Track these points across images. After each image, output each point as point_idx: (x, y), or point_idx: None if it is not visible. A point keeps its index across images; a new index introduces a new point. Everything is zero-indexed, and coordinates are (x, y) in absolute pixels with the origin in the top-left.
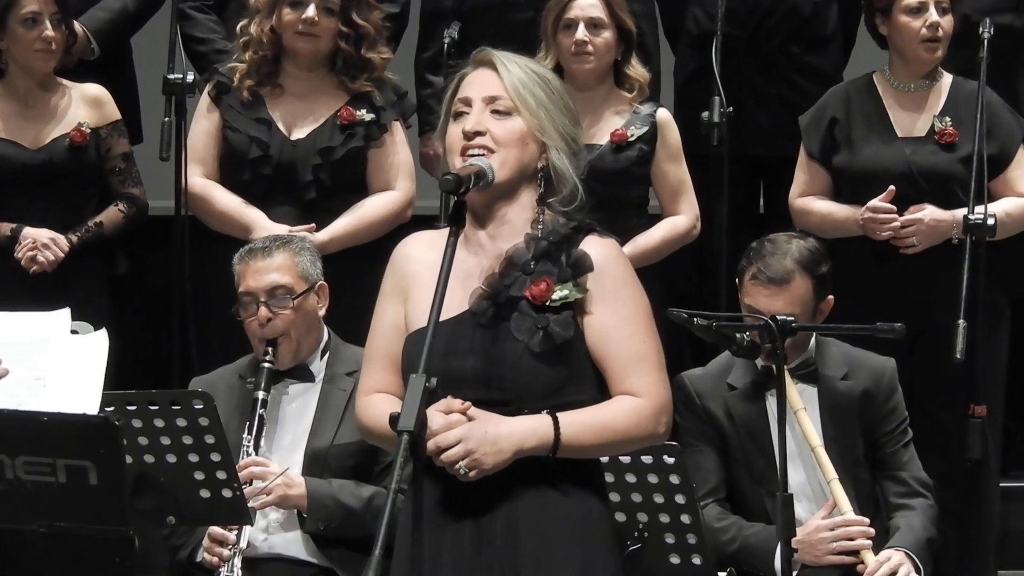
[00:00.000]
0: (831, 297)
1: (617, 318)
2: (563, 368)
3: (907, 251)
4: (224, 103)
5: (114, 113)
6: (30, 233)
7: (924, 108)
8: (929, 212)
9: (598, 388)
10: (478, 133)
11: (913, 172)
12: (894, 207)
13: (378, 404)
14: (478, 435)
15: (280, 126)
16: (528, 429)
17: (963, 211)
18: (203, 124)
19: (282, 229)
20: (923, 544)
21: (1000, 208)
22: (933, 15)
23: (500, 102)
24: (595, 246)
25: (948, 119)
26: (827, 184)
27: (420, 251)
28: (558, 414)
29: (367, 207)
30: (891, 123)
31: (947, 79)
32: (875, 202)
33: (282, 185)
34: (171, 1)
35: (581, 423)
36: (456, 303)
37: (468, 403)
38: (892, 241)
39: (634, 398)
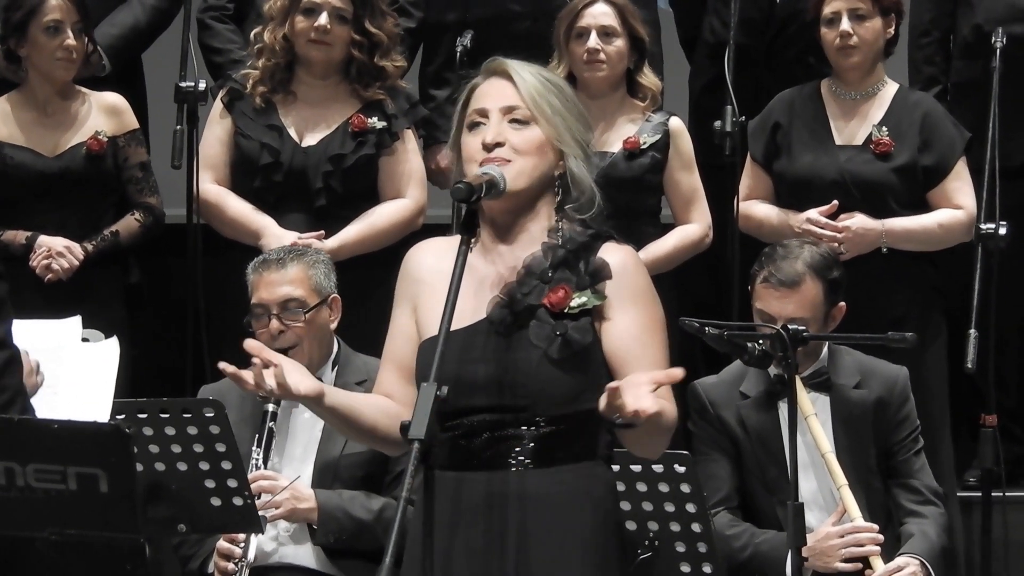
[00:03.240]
0: (843, 304)
1: (636, 325)
2: (581, 375)
3: None
4: (236, 110)
5: (132, 122)
6: (45, 241)
7: (865, 117)
8: (858, 220)
9: None
10: (498, 144)
11: (846, 180)
12: (835, 223)
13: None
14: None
15: (291, 133)
16: None
17: (893, 220)
18: (215, 130)
19: (292, 236)
20: (937, 552)
21: (934, 220)
22: (844, 24)
23: (518, 112)
24: (613, 253)
25: (886, 129)
26: (769, 188)
27: (431, 258)
28: None
29: (377, 214)
30: (831, 131)
31: (890, 89)
32: (815, 214)
33: (293, 192)
34: (183, 10)
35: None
36: (470, 312)
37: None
38: None
39: None
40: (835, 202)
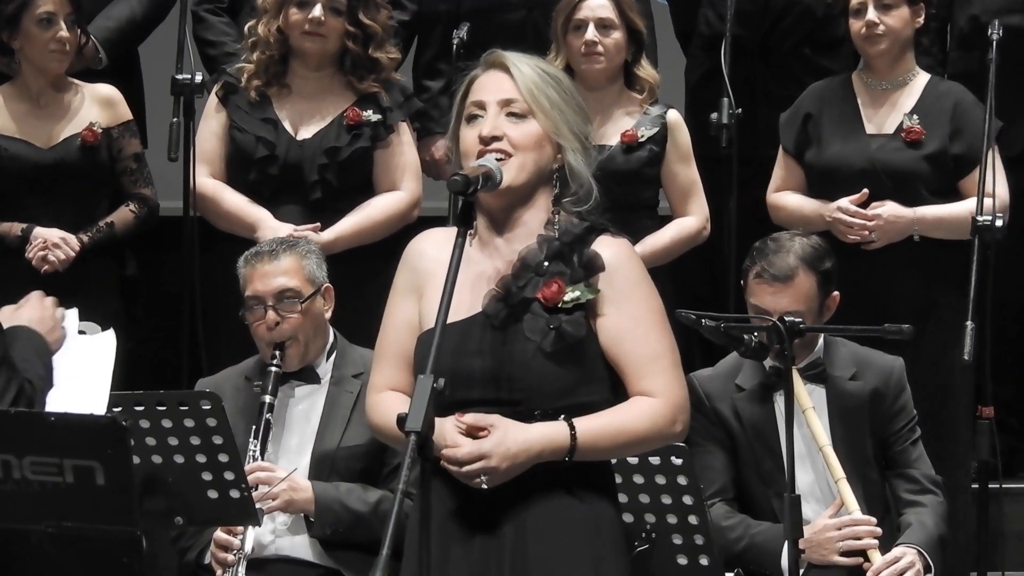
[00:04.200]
0: (836, 293)
1: (630, 318)
2: (575, 369)
3: (866, 247)
4: (231, 103)
5: (126, 113)
6: (41, 233)
7: (895, 106)
8: (888, 208)
9: (611, 389)
10: (495, 138)
11: (876, 168)
12: (865, 212)
13: (388, 402)
14: (500, 452)
15: (287, 126)
16: (546, 439)
17: (924, 208)
18: (210, 124)
19: (287, 228)
20: (935, 541)
21: (966, 208)
22: (870, 14)
23: (515, 105)
24: (607, 246)
25: (916, 117)
26: (801, 179)
27: (434, 248)
28: (574, 420)
29: (373, 207)
30: (862, 120)
31: (921, 78)
32: (845, 203)
33: (289, 185)
34: (179, 2)
35: (598, 429)
36: (467, 304)
37: (489, 422)
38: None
39: (650, 399)
40: (865, 191)
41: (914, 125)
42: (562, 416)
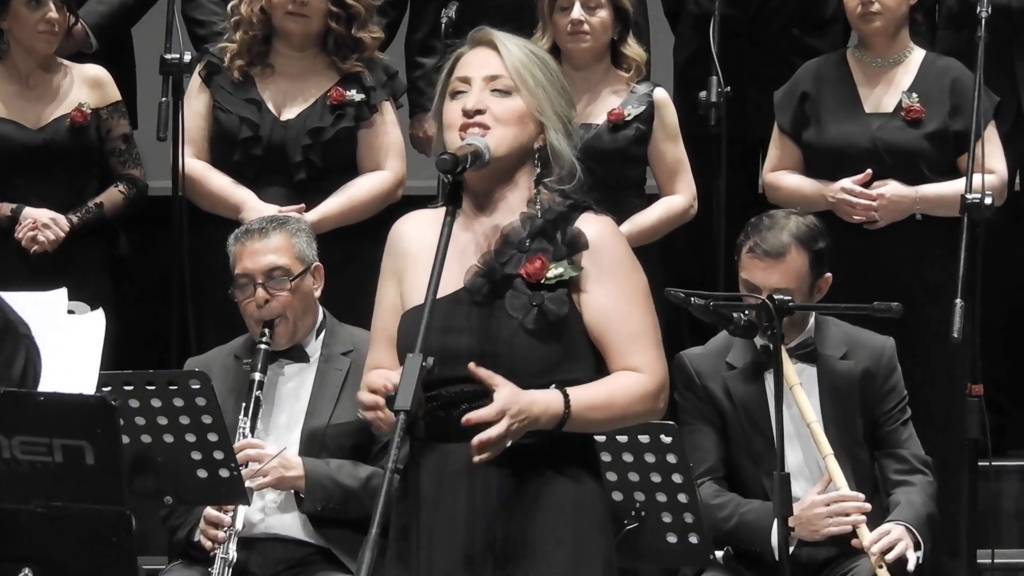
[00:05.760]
0: (829, 275)
1: (614, 296)
2: (557, 346)
3: (869, 227)
4: (215, 83)
5: (114, 94)
6: (30, 213)
7: (893, 84)
8: (891, 188)
9: (594, 367)
10: (479, 111)
11: (878, 148)
12: (869, 192)
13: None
14: (518, 407)
15: (270, 106)
16: (543, 404)
17: (926, 187)
18: (193, 105)
19: (272, 209)
20: (924, 519)
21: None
22: None
23: (500, 81)
24: (591, 224)
25: (916, 95)
26: (798, 159)
27: (416, 230)
28: (568, 389)
29: (357, 187)
30: (859, 99)
31: (917, 55)
32: (849, 183)
33: (273, 166)
34: None
35: (588, 398)
36: (452, 281)
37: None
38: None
39: (637, 373)
40: (869, 171)
41: (913, 103)
42: (553, 385)
